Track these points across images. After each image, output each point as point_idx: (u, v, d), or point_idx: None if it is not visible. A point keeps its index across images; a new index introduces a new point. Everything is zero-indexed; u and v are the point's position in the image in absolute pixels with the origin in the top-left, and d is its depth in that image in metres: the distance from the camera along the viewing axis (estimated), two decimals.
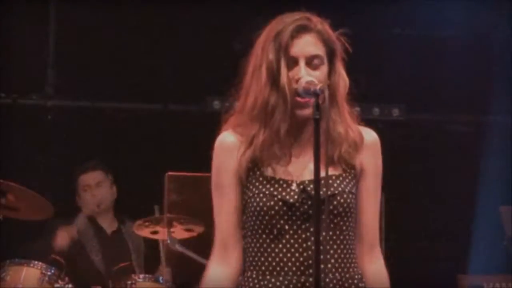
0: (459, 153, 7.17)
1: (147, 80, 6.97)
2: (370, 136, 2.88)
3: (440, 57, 7.09)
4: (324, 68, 2.80)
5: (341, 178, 2.79)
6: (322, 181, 2.65)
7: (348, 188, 2.79)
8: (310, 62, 2.77)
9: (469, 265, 6.74)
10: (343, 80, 2.85)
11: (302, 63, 2.76)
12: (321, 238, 2.61)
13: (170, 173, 6.14)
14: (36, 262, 5.33)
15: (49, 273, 5.30)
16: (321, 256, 2.59)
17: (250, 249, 2.79)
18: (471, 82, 7.04)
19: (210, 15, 6.85)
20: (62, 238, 5.98)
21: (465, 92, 7.08)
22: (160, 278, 5.66)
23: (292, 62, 2.77)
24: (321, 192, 2.64)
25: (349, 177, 2.81)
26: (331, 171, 2.77)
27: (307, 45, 2.79)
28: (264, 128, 2.78)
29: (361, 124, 2.91)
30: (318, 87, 2.65)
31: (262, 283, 2.76)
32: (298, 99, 2.74)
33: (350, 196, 2.79)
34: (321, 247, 2.61)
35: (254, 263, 2.79)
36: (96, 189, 6.21)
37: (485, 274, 6.52)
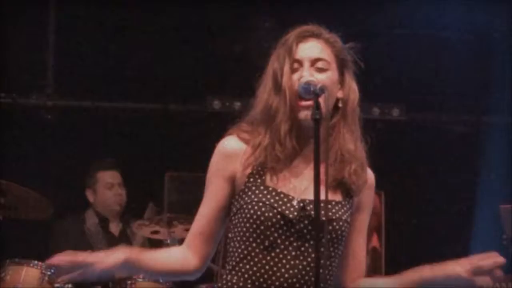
0: (459, 153, 7.17)
1: (147, 80, 6.97)
2: (371, 177, 2.89)
3: (440, 57, 7.09)
4: (331, 75, 2.78)
5: (340, 205, 2.77)
6: (322, 204, 2.64)
7: (345, 216, 2.77)
8: (314, 64, 2.76)
9: None
10: (353, 93, 2.83)
11: (306, 64, 2.75)
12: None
13: (170, 173, 6.14)
14: (36, 262, 5.32)
15: (49, 273, 5.29)
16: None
17: (236, 254, 2.76)
18: (471, 82, 7.04)
19: (211, 15, 6.85)
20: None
21: (465, 92, 7.09)
22: (160, 278, 5.65)
23: (297, 65, 2.77)
24: (321, 214, 2.63)
25: (347, 206, 2.80)
26: (333, 197, 2.76)
27: (312, 48, 2.78)
28: (269, 132, 2.77)
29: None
30: (318, 87, 2.63)
31: None
32: (301, 102, 2.72)
33: (346, 225, 2.77)
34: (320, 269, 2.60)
35: (237, 268, 2.75)
36: (120, 188, 6.22)
37: None
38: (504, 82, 6.85)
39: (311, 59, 2.76)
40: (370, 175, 2.88)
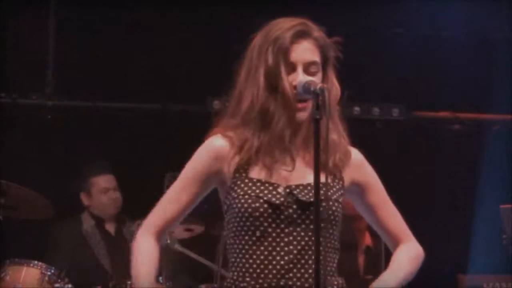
0: (459, 153, 7.17)
1: (147, 80, 6.97)
2: (356, 154, 2.92)
3: (440, 57, 7.09)
4: (320, 75, 2.81)
5: (328, 186, 2.78)
6: (309, 188, 2.70)
7: (335, 196, 2.80)
8: (308, 68, 2.79)
9: (469, 265, 6.74)
10: (335, 87, 2.87)
11: (300, 69, 2.77)
12: (303, 242, 2.64)
13: (170, 173, 6.13)
14: (36, 262, 5.33)
15: (49, 273, 5.29)
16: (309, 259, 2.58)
17: (232, 250, 2.79)
18: (471, 82, 7.04)
19: (210, 15, 6.85)
20: None
21: (465, 92, 7.09)
22: (160, 278, 5.66)
23: (290, 68, 2.78)
24: (306, 197, 2.68)
25: (337, 187, 2.83)
26: (321, 178, 2.75)
27: (305, 51, 2.80)
28: (260, 132, 2.77)
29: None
30: (318, 87, 2.67)
31: (241, 284, 2.74)
32: (299, 104, 2.76)
33: (336, 204, 2.80)
34: (304, 251, 2.65)
35: (235, 264, 2.78)
36: (115, 192, 6.23)
37: (485, 274, 6.52)
38: (504, 81, 6.85)
39: (305, 63, 2.78)
40: (355, 153, 2.91)
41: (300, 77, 2.75)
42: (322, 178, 2.71)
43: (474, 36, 7.06)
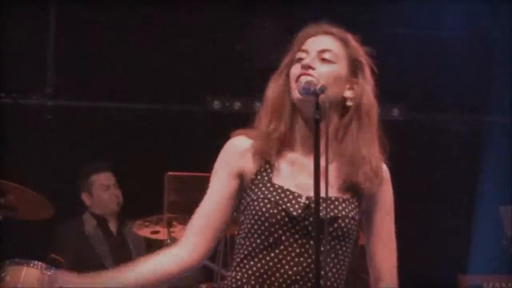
0: (459, 153, 7.17)
1: (147, 80, 6.97)
2: (385, 171, 2.90)
3: (440, 57, 7.09)
4: (337, 68, 2.77)
5: (347, 202, 2.76)
6: (328, 202, 2.66)
7: (352, 214, 2.76)
8: (321, 55, 2.76)
9: (469, 265, 6.74)
10: (366, 97, 2.84)
11: (312, 53, 2.75)
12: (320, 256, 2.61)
13: (170, 173, 6.13)
14: (36, 262, 5.32)
15: (49, 273, 5.29)
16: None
17: (241, 251, 2.76)
18: (471, 82, 7.04)
19: (211, 15, 6.84)
20: None
21: (465, 92, 7.08)
22: None
23: (305, 55, 2.77)
24: (324, 213, 2.64)
25: (355, 204, 2.79)
26: (341, 194, 2.75)
27: (321, 41, 2.78)
28: (273, 121, 2.77)
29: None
30: (318, 86, 2.62)
31: (245, 286, 2.73)
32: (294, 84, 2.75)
33: (352, 222, 2.76)
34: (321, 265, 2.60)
35: (241, 264, 2.75)
36: (115, 189, 6.25)
37: (485, 274, 6.52)
38: (504, 82, 6.85)
39: (318, 50, 2.76)
40: (383, 170, 2.88)
41: (307, 59, 2.72)
42: (343, 194, 2.73)
43: (474, 36, 7.06)
